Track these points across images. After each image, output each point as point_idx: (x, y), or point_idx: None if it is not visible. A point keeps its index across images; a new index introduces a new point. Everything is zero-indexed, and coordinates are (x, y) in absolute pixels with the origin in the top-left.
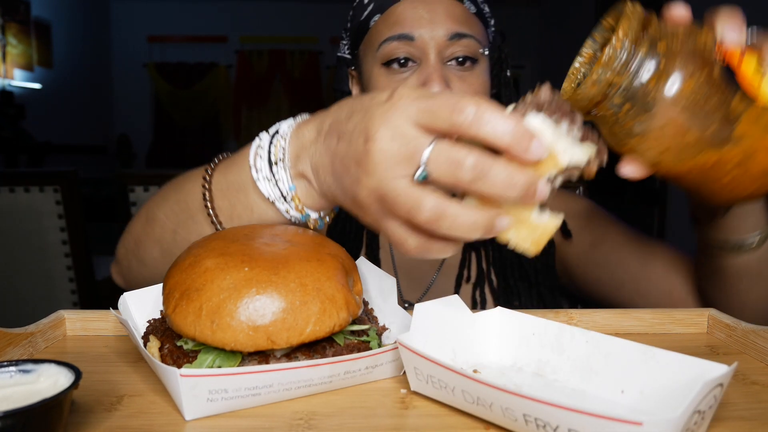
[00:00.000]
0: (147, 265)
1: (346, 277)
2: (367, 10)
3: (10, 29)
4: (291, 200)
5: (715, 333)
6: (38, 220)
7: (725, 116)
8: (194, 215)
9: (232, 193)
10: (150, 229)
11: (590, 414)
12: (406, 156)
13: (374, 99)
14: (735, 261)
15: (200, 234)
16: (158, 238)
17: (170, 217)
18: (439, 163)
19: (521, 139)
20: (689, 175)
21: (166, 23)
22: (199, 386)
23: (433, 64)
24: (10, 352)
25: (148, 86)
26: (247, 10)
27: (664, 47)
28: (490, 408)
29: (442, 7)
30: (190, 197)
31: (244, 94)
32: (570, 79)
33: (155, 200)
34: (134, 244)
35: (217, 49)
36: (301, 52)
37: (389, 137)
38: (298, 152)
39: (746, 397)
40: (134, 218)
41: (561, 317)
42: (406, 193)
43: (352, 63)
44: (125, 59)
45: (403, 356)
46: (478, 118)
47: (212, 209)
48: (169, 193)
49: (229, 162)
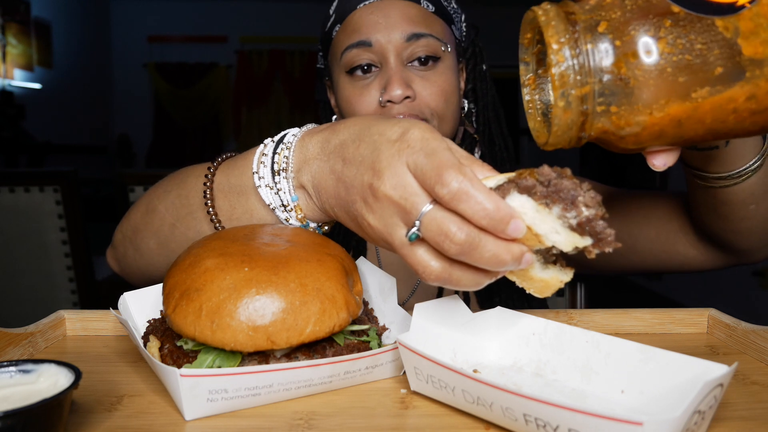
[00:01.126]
0: (143, 254)
1: (346, 278)
2: (330, 21)
3: (10, 29)
4: (292, 210)
5: (715, 333)
6: (38, 220)
7: (722, 48)
8: (194, 212)
9: (233, 196)
10: (149, 219)
11: (590, 414)
12: (405, 210)
13: (384, 134)
14: (738, 188)
15: (198, 231)
16: (156, 229)
17: (170, 210)
18: (430, 229)
19: (499, 221)
20: (716, 126)
21: (166, 23)
22: (199, 386)
23: (392, 67)
24: (11, 352)
25: (148, 86)
26: (247, 10)
27: (605, 26)
28: (490, 408)
29: (396, 10)
30: (192, 194)
31: (244, 94)
32: (533, 117)
33: (156, 192)
34: (132, 232)
35: (217, 49)
36: (301, 52)
37: (392, 185)
38: (300, 165)
39: (746, 397)
40: (134, 206)
41: (561, 317)
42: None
43: (325, 73)
44: (125, 59)
45: (403, 356)
46: (458, 195)
47: (212, 208)
48: (171, 187)
49: (231, 163)
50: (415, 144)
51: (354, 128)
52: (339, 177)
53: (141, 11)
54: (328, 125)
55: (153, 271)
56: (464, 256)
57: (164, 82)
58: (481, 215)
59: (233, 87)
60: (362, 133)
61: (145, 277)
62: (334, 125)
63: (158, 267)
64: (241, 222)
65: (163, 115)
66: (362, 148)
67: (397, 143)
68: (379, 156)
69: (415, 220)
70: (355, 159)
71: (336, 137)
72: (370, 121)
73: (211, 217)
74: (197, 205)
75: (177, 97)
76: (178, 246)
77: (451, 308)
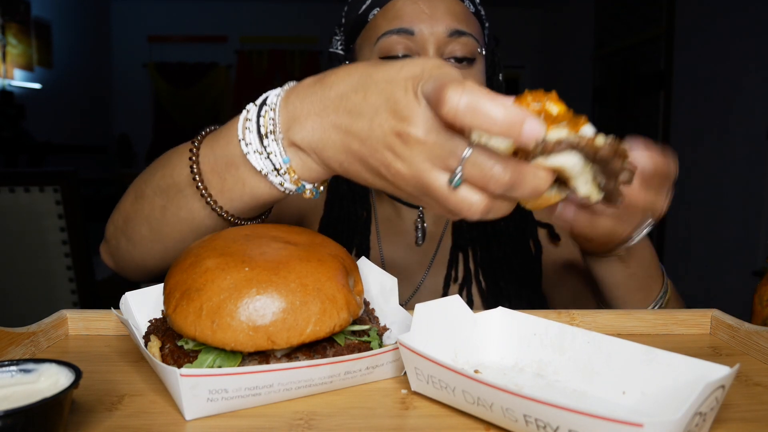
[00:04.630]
0: (135, 244)
1: (346, 277)
2: (366, 4)
3: (10, 29)
4: (285, 173)
5: (718, 334)
6: (38, 220)
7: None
8: (183, 189)
9: (221, 167)
10: (139, 206)
11: (591, 415)
12: (440, 155)
13: (393, 79)
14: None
15: (190, 209)
16: (147, 214)
17: (158, 192)
18: (473, 174)
19: (512, 126)
20: None
21: (166, 23)
22: (199, 386)
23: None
24: (12, 351)
25: (148, 86)
26: (247, 10)
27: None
28: (491, 408)
29: (442, 4)
30: (176, 171)
31: (244, 94)
32: None
33: (143, 177)
34: (123, 222)
35: (217, 49)
36: (301, 52)
37: (425, 130)
38: (289, 124)
39: (748, 398)
40: (124, 196)
41: (563, 318)
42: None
43: (346, 59)
44: (125, 59)
45: (404, 356)
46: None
47: (201, 183)
48: (156, 169)
49: (215, 135)
50: (427, 75)
51: (351, 78)
52: (347, 130)
53: (141, 11)
54: (312, 79)
55: (148, 261)
56: (507, 193)
57: (164, 82)
58: (491, 124)
59: (233, 87)
60: (365, 82)
61: (141, 270)
62: (321, 78)
63: (153, 256)
64: (233, 193)
65: (163, 115)
66: (371, 97)
67: (410, 81)
68: (397, 101)
69: (458, 166)
70: (365, 110)
71: (331, 90)
72: (368, 68)
73: (201, 192)
74: (185, 182)
75: (177, 97)
76: (171, 229)
77: (452, 308)
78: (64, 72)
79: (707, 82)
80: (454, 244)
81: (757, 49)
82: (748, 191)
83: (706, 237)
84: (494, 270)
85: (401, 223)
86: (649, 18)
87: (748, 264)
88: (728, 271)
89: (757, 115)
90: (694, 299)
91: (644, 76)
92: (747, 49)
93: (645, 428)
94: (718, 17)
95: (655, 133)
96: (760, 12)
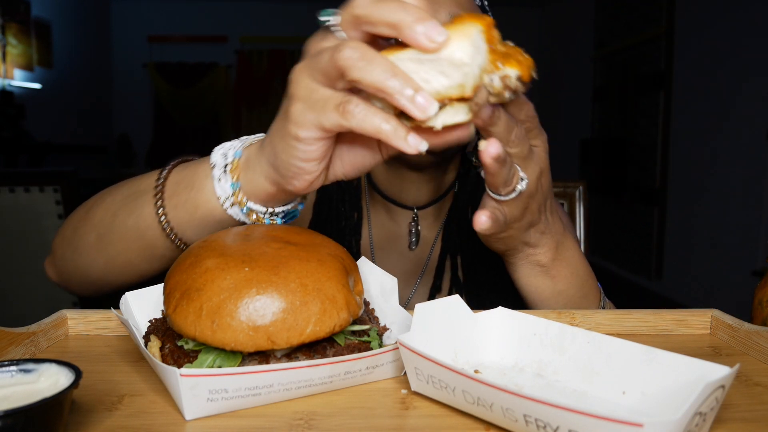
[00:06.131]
0: (80, 252)
1: (346, 278)
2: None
3: (10, 29)
4: (230, 171)
5: (718, 334)
6: (38, 220)
7: None
8: (140, 196)
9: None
10: (92, 213)
11: (591, 415)
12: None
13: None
14: (533, 286)
15: (138, 215)
16: (98, 221)
17: (117, 200)
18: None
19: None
20: None
21: (166, 23)
22: (199, 386)
23: None
24: (12, 351)
25: (148, 86)
26: (247, 10)
27: None
28: (491, 408)
29: None
30: (144, 179)
31: (244, 94)
32: None
33: (109, 187)
34: (71, 232)
35: (217, 49)
36: (301, 52)
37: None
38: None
39: (748, 398)
40: (75, 210)
41: (563, 318)
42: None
43: None
44: (125, 59)
45: (404, 356)
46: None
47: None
48: (128, 180)
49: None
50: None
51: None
52: (270, 140)
53: (141, 11)
54: None
55: (91, 272)
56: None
57: (164, 82)
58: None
59: (233, 87)
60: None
61: (83, 280)
62: None
63: (96, 265)
64: (179, 198)
65: (163, 115)
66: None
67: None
68: (288, 87)
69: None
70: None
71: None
72: None
73: (155, 192)
74: (143, 190)
75: (177, 97)
76: (116, 237)
77: (452, 308)
78: (64, 72)
79: (707, 82)
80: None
81: (757, 49)
82: (748, 191)
83: (706, 237)
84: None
85: (395, 227)
86: (649, 18)
87: (748, 264)
88: (728, 271)
89: (757, 115)
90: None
91: (644, 76)
92: (747, 49)
93: (645, 428)
94: (718, 17)
95: (655, 133)
96: (760, 12)
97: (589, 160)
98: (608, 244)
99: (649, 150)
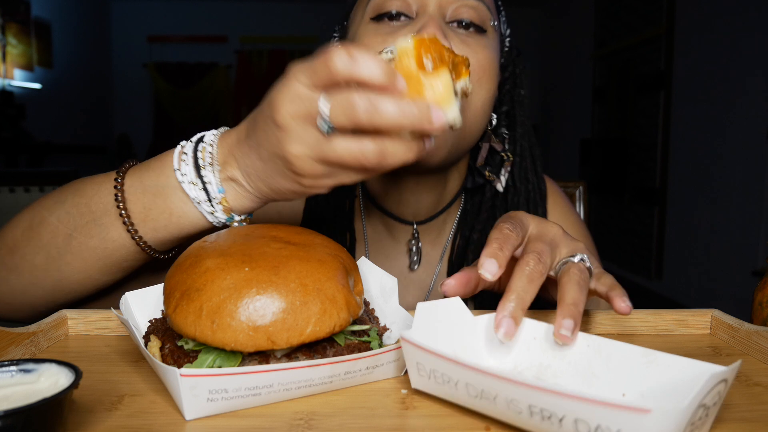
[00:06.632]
0: (21, 273)
1: (346, 278)
2: None
3: (10, 29)
4: (218, 203)
5: (718, 334)
6: None
7: None
8: (97, 218)
9: (148, 197)
10: (35, 233)
11: (597, 402)
12: (307, 113)
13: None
14: None
15: (104, 238)
16: (46, 242)
17: (65, 221)
18: (335, 109)
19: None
20: None
21: (166, 23)
22: (199, 386)
23: (431, 14)
24: (12, 351)
25: (148, 86)
26: (247, 10)
27: None
28: (495, 401)
29: None
30: (94, 200)
31: (244, 94)
32: None
33: (44, 204)
34: (7, 251)
35: (217, 49)
36: (301, 52)
37: (288, 100)
38: (225, 158)
39: (748, 398)
40: (8, 225)
41: None
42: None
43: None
44: (125, 59)
45: (406, 352)
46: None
47: (125, 211)
48: (65, 197)
49: (143, 167)
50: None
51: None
52: (256, 146)
53: (141, 11)
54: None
55: (34, 293)
56: (375, 115)
57: (164, 82)
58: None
59: (233, 87)
60: (262, 101)
61: (18, 303)
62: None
63: (42, 286)
64: (157, 223)
65: (163, 115)
66: (263, 108)
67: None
68: (271, 98)
69: (320, 110)
70: (259, 121)
71: (249, 119)
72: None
73: (123, 220)
74: (101, 211)
75: (177, 97)
76: (74, 258)
77: (452, 310)
78: (64, 72)
79: (707, 82)
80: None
81: (757, 49)
82: (748, 191)
83: (706, 237)
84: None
85: (394, 244)
86: (649, 18)
87: (748, 264)
88: (728, 272)
89: (757, 115)
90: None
91: (644, 76)
92: (747, 49)
93: (652, 414)
94: (718, 17)
95: (655, 133)
96: (760, 12)
97: (589, 160)
98: (608, 244)
99: (649, 150)
